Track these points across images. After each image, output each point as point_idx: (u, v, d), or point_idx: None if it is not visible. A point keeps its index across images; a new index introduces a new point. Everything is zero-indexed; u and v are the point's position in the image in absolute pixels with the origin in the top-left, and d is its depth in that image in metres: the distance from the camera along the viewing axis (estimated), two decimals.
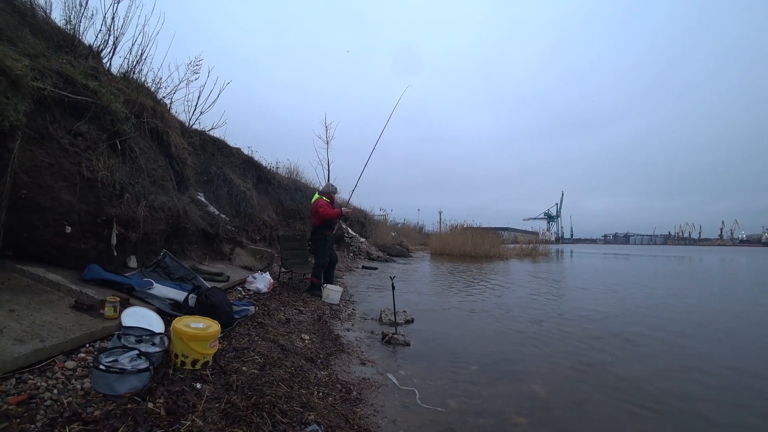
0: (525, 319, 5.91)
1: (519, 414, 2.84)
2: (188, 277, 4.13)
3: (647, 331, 5.26)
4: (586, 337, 4.90)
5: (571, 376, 3.62)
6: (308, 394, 2.55)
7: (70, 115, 3.38)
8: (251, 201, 8.25)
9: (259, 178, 9.82)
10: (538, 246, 26.50)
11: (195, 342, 2.50)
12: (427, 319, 5.54)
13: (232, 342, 3.16)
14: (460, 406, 2.90)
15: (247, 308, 3.89)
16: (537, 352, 4.31)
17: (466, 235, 21.46)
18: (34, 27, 3.67)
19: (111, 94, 3.78)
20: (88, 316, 2.72)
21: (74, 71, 3.50)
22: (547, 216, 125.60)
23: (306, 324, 4.39)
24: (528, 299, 7.71)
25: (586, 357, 4.15)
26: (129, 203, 3.80)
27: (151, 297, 3.37)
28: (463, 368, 3.69)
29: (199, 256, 5.78)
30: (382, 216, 24.45)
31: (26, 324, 2.33)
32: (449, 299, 7.28)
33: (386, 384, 3.18)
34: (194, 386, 2.30)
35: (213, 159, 7.81)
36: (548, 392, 3.26)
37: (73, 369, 2.19)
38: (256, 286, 5.28)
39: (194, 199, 6.21)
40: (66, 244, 3.30)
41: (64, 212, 3.24)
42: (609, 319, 5.99)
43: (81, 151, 3.37)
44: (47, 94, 3.09)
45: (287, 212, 10.94)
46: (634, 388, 3.38)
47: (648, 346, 4.63)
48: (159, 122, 4.69)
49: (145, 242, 4.23)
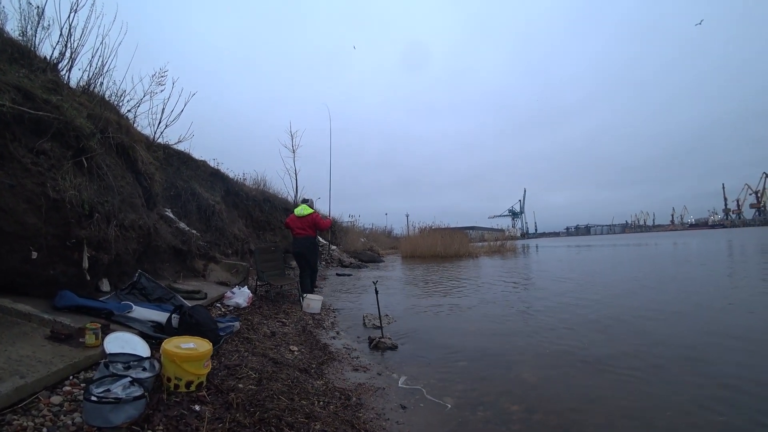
0: (502, 312, 6.10)
1: (513, 402, 2.95)
2: (167, 297, 3.97)
3: (614, 316, 5.53)
4: (561, 325, 5.12)
5: (555, 361, 3.79)
6: (310, 405, 2.51)
7: (31, 133, 3.17)
8: (221, 215, 8.02)
9: (227, 190, 9.55)
10: (505, 243, 27.25)
11: (188, 363, 2.40)
12: (410, 321, 5.58)
13: (222, 360, 3.06)
14: (457, 402, 2.95)
15: (231, 324, 3.77)
16: (519, 342, 4.46)
17: (435, 237, 21.77)
18: None
19: (74, 109, 3.58)
20: (67, 346, 2.56)
21: (33, 85, 3.29)
22: (511, 213, 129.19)
23: (292, 336, 4.31)
24: (502, 293, 7.94)
25: (565, 342, 4.35)
26: (99, 223, 3.60)
27: (131, 321, 3.21)
28: (453, 365, 3.77)
29: (172, 274, 5.55)
30: (351, 222, 24.40)
31: (1, 360, 2.16)
32: (427, 299, 7.37)
33: (382, 387, 3.18)
34: (193, 408, 2.21)
35: (179, 173, 7.53)
36: (537, 378, 3.40)
37: (60, 404, 2.06)
38: (235, 301, 5.14)
39: (163, 216, 5.97)
40: (33, 271, 3.08)
41: (30, 236, 3.03)
42: (580, 307, 6.25)
43: (45, 171, 3.17)
44: (5, 110, 2.89)
45: (257, 224, 10.70)
46: (612, 364, 3.61)
47: (620, 328, 4.90)
48: (124, 137, 4.49)
49: (117, 264, 4.02)
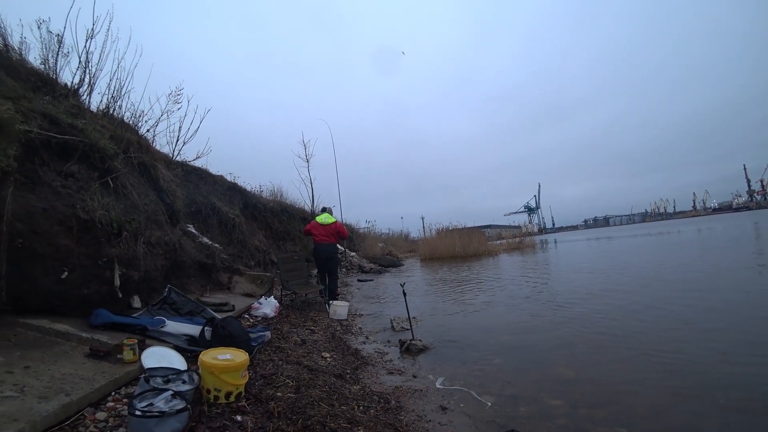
0: (530, 307, 6.00)
1: (554, 397, 2.88)
2: (197, 311, 3.99)
3: (645, 305, 5.37)
4: (592, 317, 4.98)
5: (590, 354, 3.70)
6: (350, 410, 2.47)
7: (58, 157, 3.24)
8: (241, 227, 8.09)
9: (246, 203, 9.65)
10: (523, 239, 26.87)
11: (227, 374, 2.39)
12: (438, 322, 5.51)
13: (257, 369, 3.05)
14: (497, 400, 2.90)
15: (263, 334, 3.77)
16: (550, 336, 4.37)
17: (453, 237, 21.58)
18: (9, 69, 3.52)
19: (97, 132, 3.65)
20: (106, 363, 2.58)
21: (57, 111, 3.37)
22: (527, 208, 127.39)
23: (322, 342, 4.29)
24: (527, 289, 7.80)
25: (599, 335, 4.24)
26: (128, 241, 3.65)
27: (165, 335, 3.23)
28: (487, 363, 3.70)
29: (198, 288, 5.60)
30: (367, 228, 24.39)
31: (46, 379, 2.18)
32: (452, 299, 7.27)
33: (420, 389, 3.13)
34: (235, 419, 2.20)
35: (198, 189, 7.63)
36: (575, 371, 3.33)
37: (105, 420, 2.07)
38: (263, 312, 5.15)
39: (186, 232, 6.04)
40: (68, 291, 3.13)
41: (63, 257, 3.08)
42: (609, 297, 6.09)
43: (74, 192, 3.23)
44: (34, 136, 2.96)
45: (277, 235, 10.78)
46: (650, 357, 3.48)
47: (653, 317, 4.73)
48: (145, 156, 4.56)
49: (146, 280, 4.06)
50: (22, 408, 1.83)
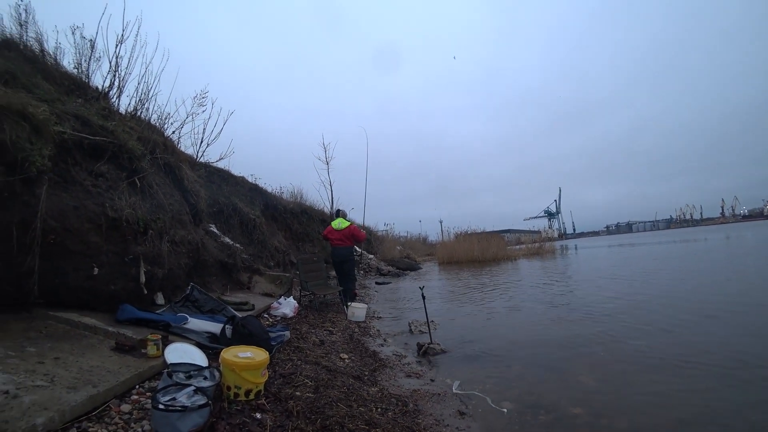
0: (550, 313, 5.88)
1: (575, 405, 2.81)
2: (218, 309, 4.06)
3: (672, 313, 5.21)
4: (615, 325, 4.85)
5: (612, 362, 3.61)
6: (368, 411, 2.47)
7: (89, 157, 3.36)
8: (261, 228, 8.20)
9: (266, 204, 9.79)
10: (543, 244, 26.42)
11: (247, 372, 2.42)
12: (456, 326, 5.46)
13: (277, 368, 3.07)
14: (516, 406, 2.84)
15: (282, 334, 3.81)
16: (571, 343, 4.27)
17: (471, 241, 21.37)
18: (45, 73, 3.68)
19: (125, 133, 3.77)
20: (131, 357, 2.65)
21: (89, 113, 3.49)
22: (547, 213, 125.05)
23: (340, 344, 4.30)
24: (547, 295, 7.65)
25: (622, 343, 4.13)
26: (153, 240, 3.75)
27: (187, 332, 3.30)
28: (506, 369, 3.65)
29: (219, 287, 5.70)
30: (386, 231, 24.39)
31: (74, 371, 2.25)
32: (471, 304, 7.20)
33: (438, 393, 3.10)
34: (254, 417, 2.22)
35: (220, 190, 7.79)
36: (596, 379, 3.25)
37: (129, 412, 2.12)
38: (282, 312, 5.20)
39: (208, 231, 6.16)
40: (96, 287, 3.23)
41: (92, 254, 3.19)
42: (631, 306, 5.92)
43: (103, 192, 3.34)
44: (67, 137, 3.07)
45: (296, 236, 10.89)
46: (676, 367, 3.38)
47: (680, 326, 4.58)
48: (171, 157, 4.68)
49: (169, 278, 4.16)
50: (52, 397, 1.90)
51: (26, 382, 1.97)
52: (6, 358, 2.17)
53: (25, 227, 2.66)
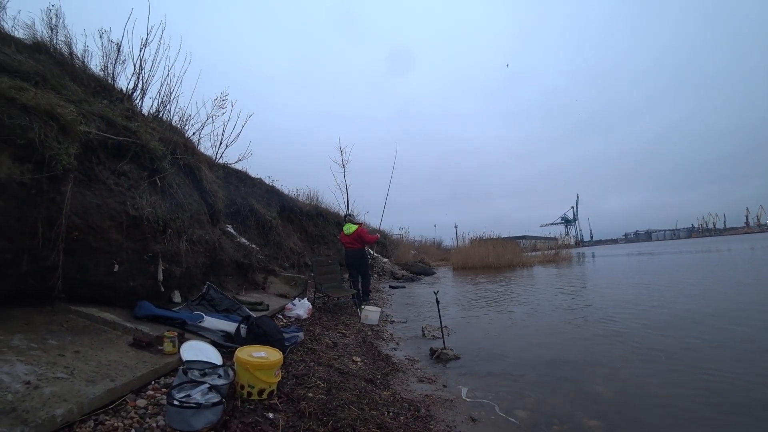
0: (565, 321, 5.78)
1: (591, 416, 2.74)
2: (233, 308, 4.10)
3: (694, 324, 5.06)
4: (633, 335, 4.74)
5: (632, 375, 3.50)
6: (380, 415, 2.45)
7: (113, 156, 3.44)
8: (277, 230, 8.29)
9: (282, 206, 9.89)
10: (560, 251, 26.00)
11: (261, 371, 2.43)
12: (469, 332, 5.40)
13: (290, 369, 3.08)
14: (530, 416, 2.80)
15: (296, 335, 3.82)
16: (586, 352, 4.19)
17: (486, 247, 21.20)
18: (73, 75, 3.80)
19: (147, 134, 3.85)
20: (148, 353, 2.69)
21: (114, 114, 3.59)
22: (564, 220, 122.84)
23: (353, 346, 4.30)
24: (563, 302, 7.52)
25: (637, 354, 4.03)
26: (171, 238, 3.82)
27: (203, 330, 3.34)
28: (519, 377, 3.59)
29: (235, 286, 5.77)
30: (400, 235, 24.37)
31: (93, 364, 2.30)
32: (486, 310, 7.11)
33: (450, 399, 3.07)
34: (267, 416, 2.23)
35: (238, 191, 7.90)
36: (612, 390, 3.17)
37: (145, 407, 2.15)
38: (296, 313, 5.23)
39: (225, 231, 6.25)
40: (116, 283, 3.30)
41: (113, 251, 3.26)
42: (654, 315, 5.77)
43: (125, 190, 3.42)
44: (93, 137, 3.16)
45: (311, 238, 10.96)
46: (698, 381, 3.28)
47: (702, 337, 4.45)
48: (191, 158, 4.77)
49: (187, 276, 4.23)
50: (71, 389, 1.94)
51: (47, 374, 2.02)
52: (29, 350, 2.23)
53: (50, 223, 2.73)
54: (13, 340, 2.28)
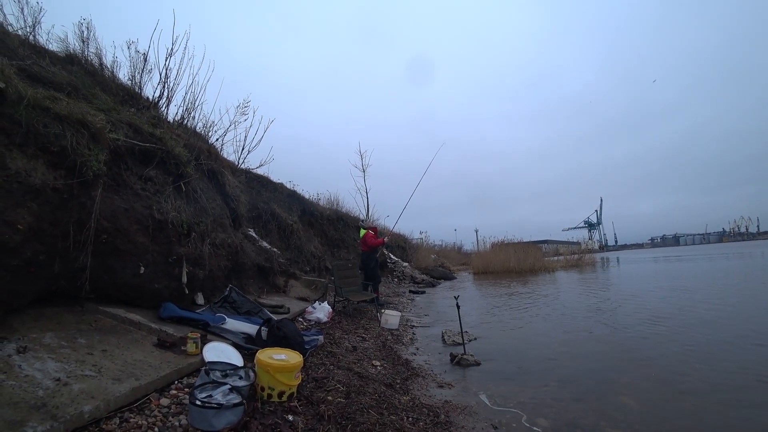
0: (589, 328, 5.62)
1: (615, 428, 2.66)
2: (255, 311, 4.15)
3: (724, 335, 4.84)
4: (660, 345, 4.57)
5: (658, 385, 3.37)
6: (399, 420, 2.43)
7: (139, 162, 3.56)
8: (298, 234, 8.37)
9: (303, 210, 9.99)
10: (583, 256, 25.33)
11: (281, 374, 2.45)
12: (491, 338, 5.32)
13: (309, 372, 3.10)
14: (552, 424, 2.73)
15: (316, 338, 3.84)
16: (612, 361, 4.07)
17: (508, 251, 20.84)
18: (102, 85, 3.95)
19: (173, 140, 3.96)
20: (171, 353, 2.75)
21: (141, 121, 3.70)
22: (587, 224, 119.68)
23: (372, 350, 4.29)
24: (587, 309, 7.31)
25: (664, 364, 3.89)
26: (195, 242, 3.90)
27: (225, 332, 3.39)
28: (542, 384, 3.50)
29: (256, 290, 5.84)
30: (420, 239, 24.26)
31: (119, 363, 2.37)
32: (507, 316, 6.99)
33: (470, 405, 3.02)
34: (286, 418, 2.24)
35: (260, 195, 8.03)
36: (638, 401, 3.06)
37: (168, 406, 2.19)
38: (316, 316, 5.26)
39: (247, 235, 6.35)
40: (142, 285, 3.39)
41: (139, 254, 3.35)
42: (681, 324, 5.54)
43: (151, 195, 3.52)
44: (121, 144, 3.27)
45: (332, 242, 11.03)
46: (726, 393, 3.15)
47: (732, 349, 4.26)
48: (214, 163, 4.87)
49: (210, 279, 4.31)
50: (98, 387, 2.00)
51: (76, 371, 2.08)
52: (59, 348, 2.31)
53: (80, 227, 2.83)
54: (44, 339, 2.37)
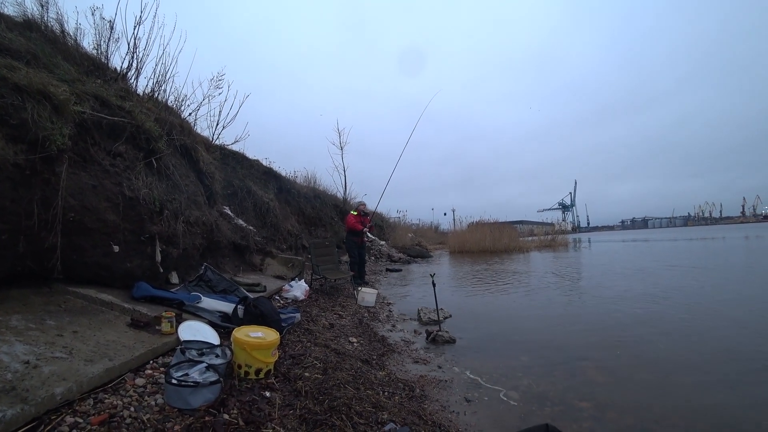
0: (560, 306, 5.88)
1: (582, 398, 2.82)
2: (231, 289, 4.13)
3: (689, 310, 5.15)
4: (627, 321, 4.82)
5: (624, 360, 3.57)
6: (375, 395, 2.50)
7: (108, 137, 3.41)
8: (275, 211, 8.28)
9: (280, 188, 9.87)
10: (556, 237, 26.09)
11: (258, 351, 2.47)
12: (465, 315, 5.47)
13: (286, 349, 3.13)
14: (522, 396, 2.88)
15: (293, 316, 3.86)
16: (581, 337, 4.27)
17: (483, 231, 21.22)
18: (65, 54, 3.72)
19: (143, 114, 3.80)
20: (146, 333, 2.72)
21: (108, 93, 3.53)
22: (561, 206, 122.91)
23: (349, 327, 4.35)
24: (558, 287, 7.61)
25: (633, 341, 4.09)
26: (168, 220, 3.82)
27: (201, 310, 3.37)
28: (513, 359, 3.65)
29: (232, 268, 5.80)
30: (398, 218, 24.40)
31: (92, 344, 2.33)
32: (481, 293, 7.20)
33: (444, 380, 3.14)
34: (264, 395, 2.27)
35: (235, 172, 7.86)
36: (604, 375, 3.24)
37: (144, 386, 2.18)
38: (293, 294, 5.27)
39: (222, 213, 6.24)
40: (113, 264, 3.31)
41: (110, 232, 3.26)
42: (648, 301, 5.85)
43: (121, 171, 3.40)
44: (87, 117, 3.12)
45: (309, 220, 10.97)
46: (689, 366, 3.36)
47: (697, 323, 4.52)
48: (187, 139, 4.73)
49: (184, 257, 4.24)
50: (70, 368, 1.97)
51: (46, 354, 2.04)
52: (27, 330, 2.25)
53: (46, 205, 2.72)
54: (11, 321, 2.30)
